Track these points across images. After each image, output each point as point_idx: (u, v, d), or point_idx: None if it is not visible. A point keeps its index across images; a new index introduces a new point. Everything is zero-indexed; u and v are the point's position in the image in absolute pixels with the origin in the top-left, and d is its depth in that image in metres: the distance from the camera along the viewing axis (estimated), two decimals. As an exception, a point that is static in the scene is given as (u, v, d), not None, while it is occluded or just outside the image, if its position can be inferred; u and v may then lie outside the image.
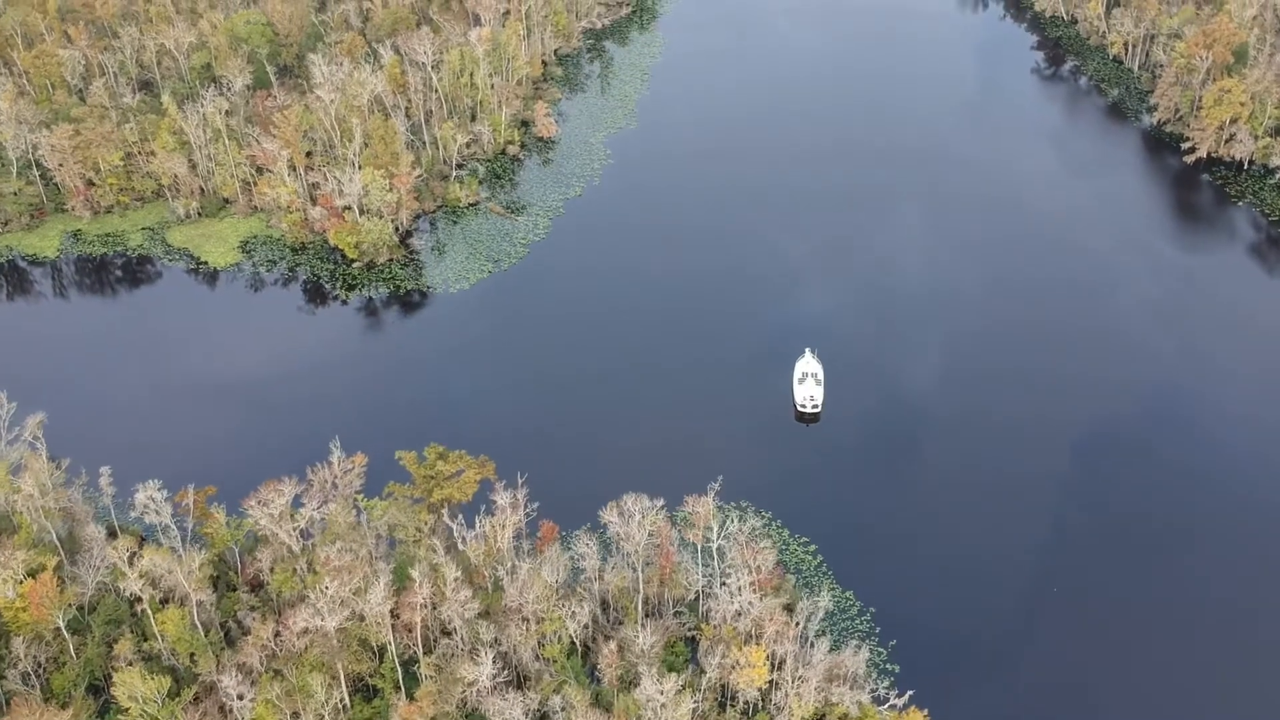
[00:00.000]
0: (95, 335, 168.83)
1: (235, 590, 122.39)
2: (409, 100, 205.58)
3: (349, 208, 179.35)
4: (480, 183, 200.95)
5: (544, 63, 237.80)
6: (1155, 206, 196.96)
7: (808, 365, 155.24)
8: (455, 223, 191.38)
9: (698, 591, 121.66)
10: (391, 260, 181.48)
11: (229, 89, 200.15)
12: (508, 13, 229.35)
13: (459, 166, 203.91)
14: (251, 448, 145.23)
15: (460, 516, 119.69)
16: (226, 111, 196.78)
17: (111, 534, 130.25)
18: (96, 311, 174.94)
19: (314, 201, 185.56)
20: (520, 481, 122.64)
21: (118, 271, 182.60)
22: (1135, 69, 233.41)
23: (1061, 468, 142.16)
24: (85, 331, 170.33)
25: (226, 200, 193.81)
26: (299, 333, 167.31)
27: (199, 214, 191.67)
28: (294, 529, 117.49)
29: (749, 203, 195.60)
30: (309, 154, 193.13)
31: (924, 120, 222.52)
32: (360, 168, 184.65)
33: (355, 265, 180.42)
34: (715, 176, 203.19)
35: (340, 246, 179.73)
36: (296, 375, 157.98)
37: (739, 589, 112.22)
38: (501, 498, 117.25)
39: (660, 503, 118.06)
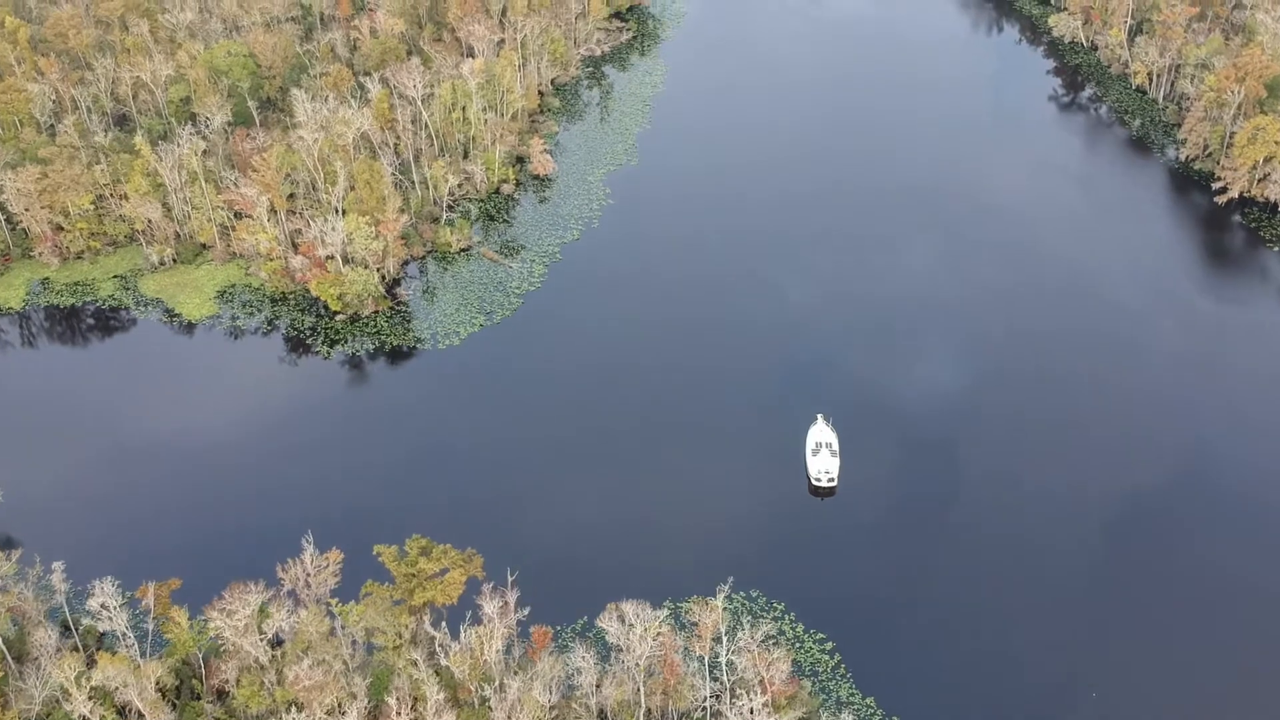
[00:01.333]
0: (57, 397, 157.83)
1: (199, 699, 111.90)
2: (397, 137, 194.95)
3: (331, 257, 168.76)
4: (472, 223, 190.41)
5: (540, 93, 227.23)
6: (1184, 250, 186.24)
7: (821, 434, 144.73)
8: (446, 269, 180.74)
9: (704, 706, 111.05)
10: (377, 312, 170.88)
11: (207, 126, 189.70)
12: (502, 42, 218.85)
13: (450, 207, 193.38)
14: (221, 530, 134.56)
15: (445, 622, 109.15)
16: (204, 151, 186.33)
17: (66, 630, 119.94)
18: (60, 370, 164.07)
19: (295, 249, 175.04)
20: (510, 579, 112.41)
21: (87, 322, 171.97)
22: (1160, 100, 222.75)
23: (1096, 543, 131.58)
24: (47, 392, 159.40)
25: (204, 246, 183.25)
26: (276, 396, 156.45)
27: (174, 260, 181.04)
28: (262, 639, 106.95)
29: (754, 247, 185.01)
30: (291, 196, 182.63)
31: (937, 154, 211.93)
32: (344, 214, 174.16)
33: (339, 318, 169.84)
34: (719, 219, 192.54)
35: (323, 298, 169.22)
36: (272, 446, 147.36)
37: (750, 711, 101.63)
38: (489, 605, 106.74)
39: (664, 613, 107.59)
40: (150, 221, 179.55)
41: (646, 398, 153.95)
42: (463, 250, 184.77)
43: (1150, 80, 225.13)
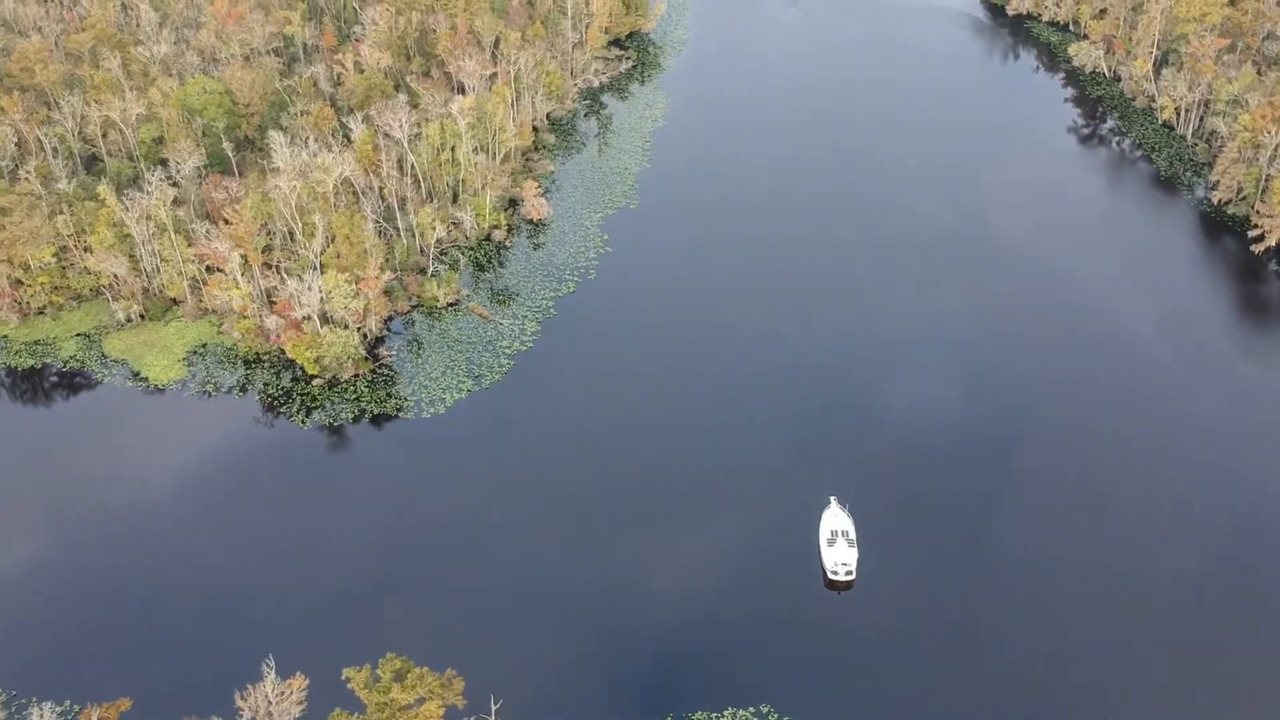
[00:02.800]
0: (5, 476, 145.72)
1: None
2: (382, 181, 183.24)
3: (308, 317, 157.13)
4: (461, 274, 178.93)
5: (535, 128, 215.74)
6: (1218, 302, 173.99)
7: (836, 520, 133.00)
8: (432, 326, 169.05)
9: None
10: (357, 376, 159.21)
11: (178, 172, 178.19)
12: (494, 75, 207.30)
13: (438, 256, 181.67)
14: (176, 637, 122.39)
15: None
16: (175, 199, 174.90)
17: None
18: (11, 442, 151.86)
19: (271, 305, 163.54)
20: (494, 708, 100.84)
21: (47, 385, 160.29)
22: (1188, 137, 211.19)
23: (1144, 643, 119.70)
24: None
25: (174, 301, 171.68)
26: (244, 476, 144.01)
27: (141, 317, 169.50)
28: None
29: (760, 300, 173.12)
30: (267, 249, 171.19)
31: (953, 193, 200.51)
32: (323, 269, 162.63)
33: (316, 382, 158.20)
34: (723, 268, 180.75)
35: (299, 361, 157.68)
36: (238, 535, 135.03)
37: None
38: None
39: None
40: (116, 276, 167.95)
41: (645, 476, 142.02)
42: (450, 305, 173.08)
43: (1178, 115, 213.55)
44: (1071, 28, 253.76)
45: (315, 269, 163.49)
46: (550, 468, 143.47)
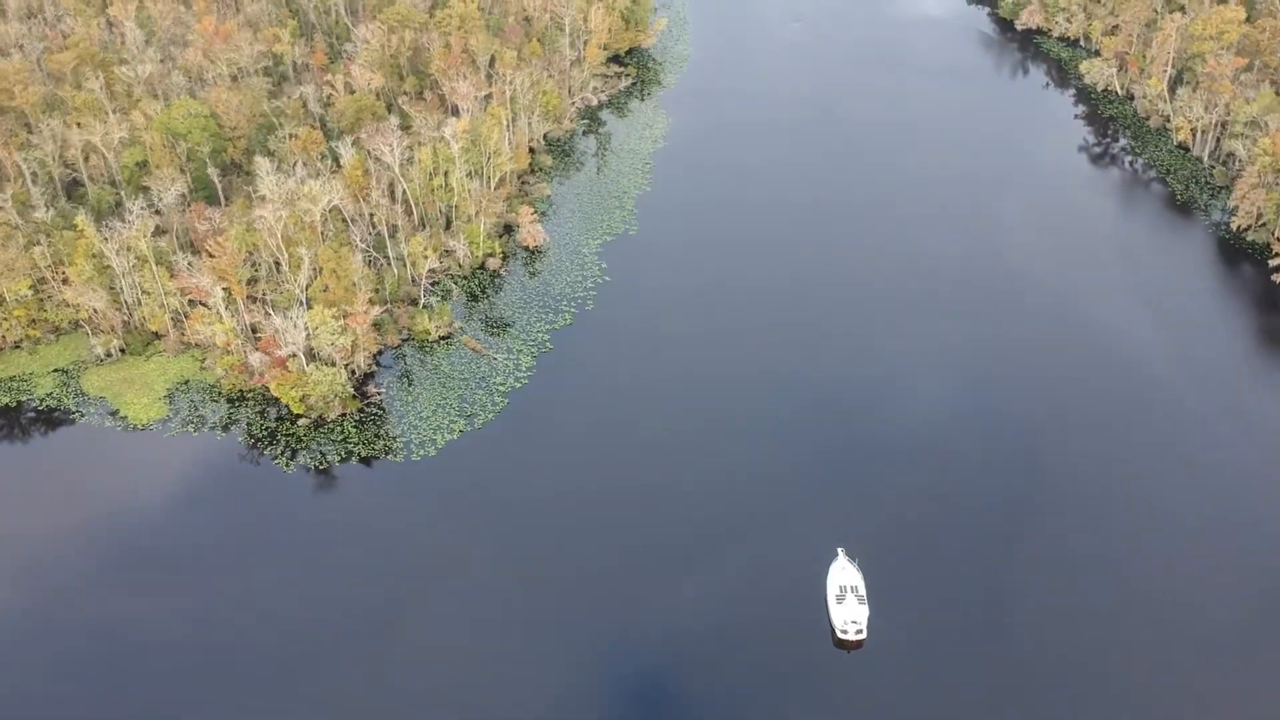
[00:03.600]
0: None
1: None
2: (372, 208, 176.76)
3: (294, 355, 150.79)
4: (454, 305, 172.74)
5: (532, 149, 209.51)
6: (1239, 335, 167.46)
7: (844, 575, 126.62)
8: (424, 361, 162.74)
9: None
10: (345, 415, 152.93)
11: (160, 199, 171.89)
12: (489, 96, 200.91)
13: (431, 286, 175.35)
14: (147, 693, 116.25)
15: None
16: (158, 229, 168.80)
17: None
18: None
19: (256, 340, 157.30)
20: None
21: (23, 423, 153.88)
22: (1205, 159, 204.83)
23: (1166, 693, 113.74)
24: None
25: (155, 335, 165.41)
26: (224, 520, 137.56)
27: (122, 352, 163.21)
28: None
29: (762, 337, 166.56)
30: (252, 280, 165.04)
31: (962, 216, 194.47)
32: (309, 304, 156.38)
33: (302, 422, 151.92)
34: (724, 302, 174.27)
35: (284, 400, 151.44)
36: (211, 587, 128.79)
37: None
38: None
39: None
40: (95, 309, 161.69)
41: (643, 526, 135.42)
42: (443, 338, 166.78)
43: (1194, 137, 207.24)
44: (1082, 43, 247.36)
45: (301, 304, 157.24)
46: (543, 517, 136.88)
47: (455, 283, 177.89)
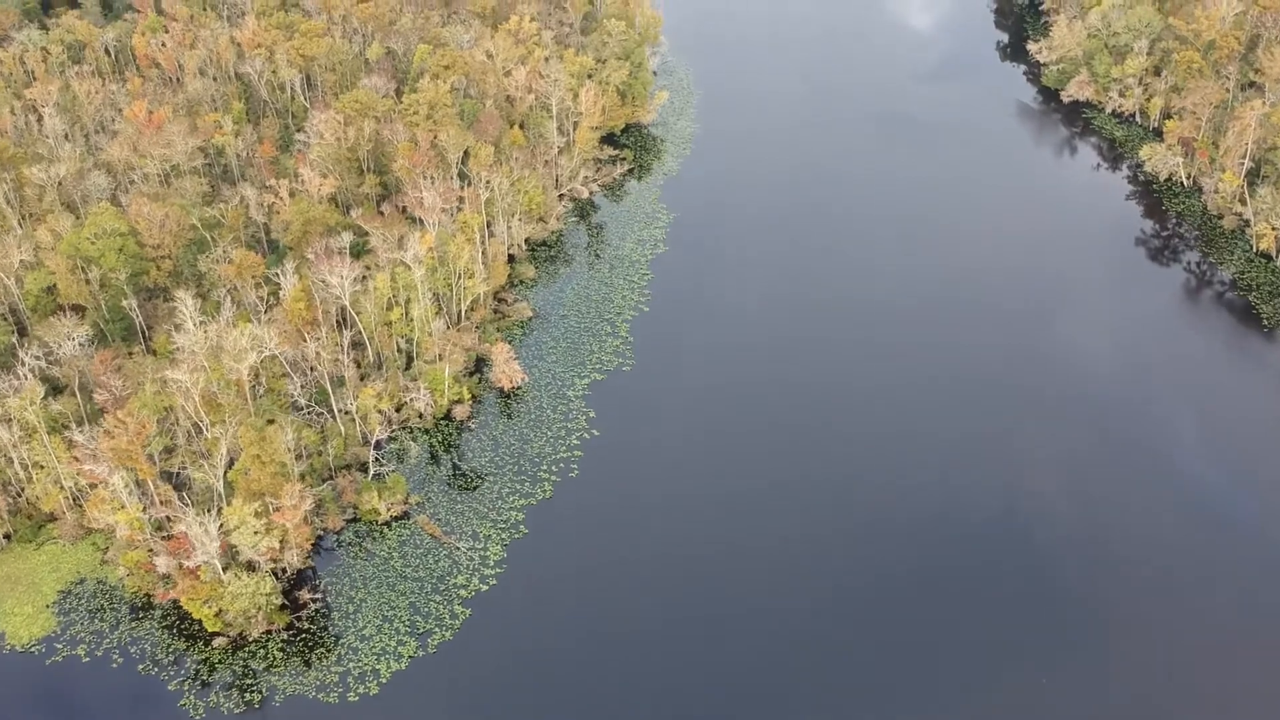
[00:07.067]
0: None
1: None
2: (317, 350, 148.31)
3: (208, 562, 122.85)
4: (411, 463, 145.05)
5: (511, 257, 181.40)
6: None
7: None
8: (371, 554, 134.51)
9: None
10: (270, 633, 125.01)
11: (59, 348, 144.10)
12: (462, 200, 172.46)
13: (382, 444, 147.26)
14: None
15: None
16: (54, 386, 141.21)
17: None
18: None
19: (165, 531, 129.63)
20: None
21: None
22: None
23: None
24: None
25: (50, 516, 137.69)
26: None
27: (7, 538, 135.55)
28: None
29: (774, 501, 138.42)
30: (169, 451, 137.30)
31: (1003, 329, 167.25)
32: (227, 494, 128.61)
33: (218, 641, 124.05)
34: (733, 464, 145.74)
35: (196, 615, 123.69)
36: None
37: None
38: None
39: None
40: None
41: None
42: (396, 519, 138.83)
43: (1278, 245, 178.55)
44: (1138, 118, 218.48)
45: (218, 494, 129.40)
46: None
47: (414, 439, 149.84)
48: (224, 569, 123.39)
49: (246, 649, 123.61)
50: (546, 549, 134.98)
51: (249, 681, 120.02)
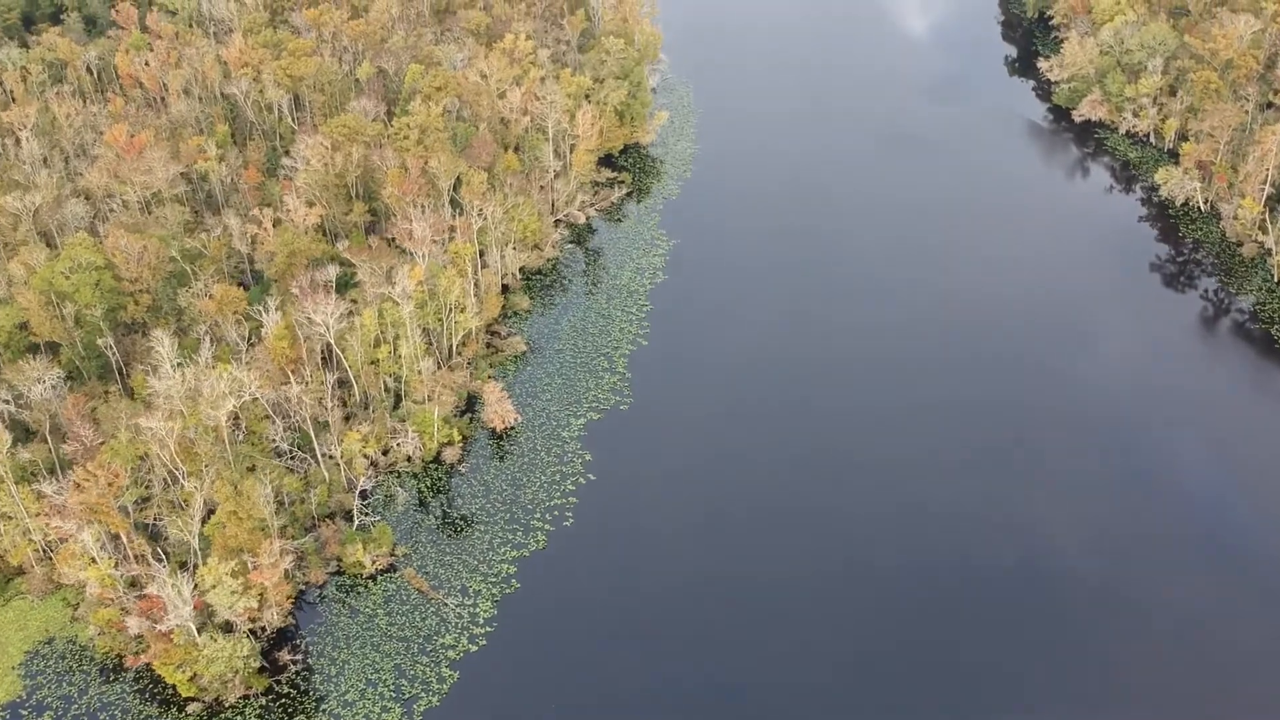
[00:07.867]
0: None
1: None
2: (301, 388, 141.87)
3: (183, 625, 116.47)
4: (398, 511, 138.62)
5: (505, 287, 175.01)
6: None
7: None
8: (355, 611, 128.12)
9: None
10: (247, 699, 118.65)
11: (29, 391, 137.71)
12: (453, 230, 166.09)
13: (367, 493, 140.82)
14: None
15: None
16: (25, 430, 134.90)
17: None
18: None
19: (139, 587, 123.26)
20: None
21: None
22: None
23: None
24: None
25: (19, 569, 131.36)
26: None
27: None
28: None
29: (781, 552, 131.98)
30: (144, 500, 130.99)
31: (1016, 358, 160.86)
32: (203, 552, 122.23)
33: (193, 707, 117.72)
34: (736, 504, 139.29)
35: (169, 680, 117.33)
36: None
37: None
38: None
39: None
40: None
41: None
42: (382, 572, 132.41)
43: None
44: (1153, 139, 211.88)
45: (194, 553, 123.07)
46: None
47: (402, 484, 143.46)
48: (199, 630, 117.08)
49: (223, 715, 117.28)
50: (540, 605, 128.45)
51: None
